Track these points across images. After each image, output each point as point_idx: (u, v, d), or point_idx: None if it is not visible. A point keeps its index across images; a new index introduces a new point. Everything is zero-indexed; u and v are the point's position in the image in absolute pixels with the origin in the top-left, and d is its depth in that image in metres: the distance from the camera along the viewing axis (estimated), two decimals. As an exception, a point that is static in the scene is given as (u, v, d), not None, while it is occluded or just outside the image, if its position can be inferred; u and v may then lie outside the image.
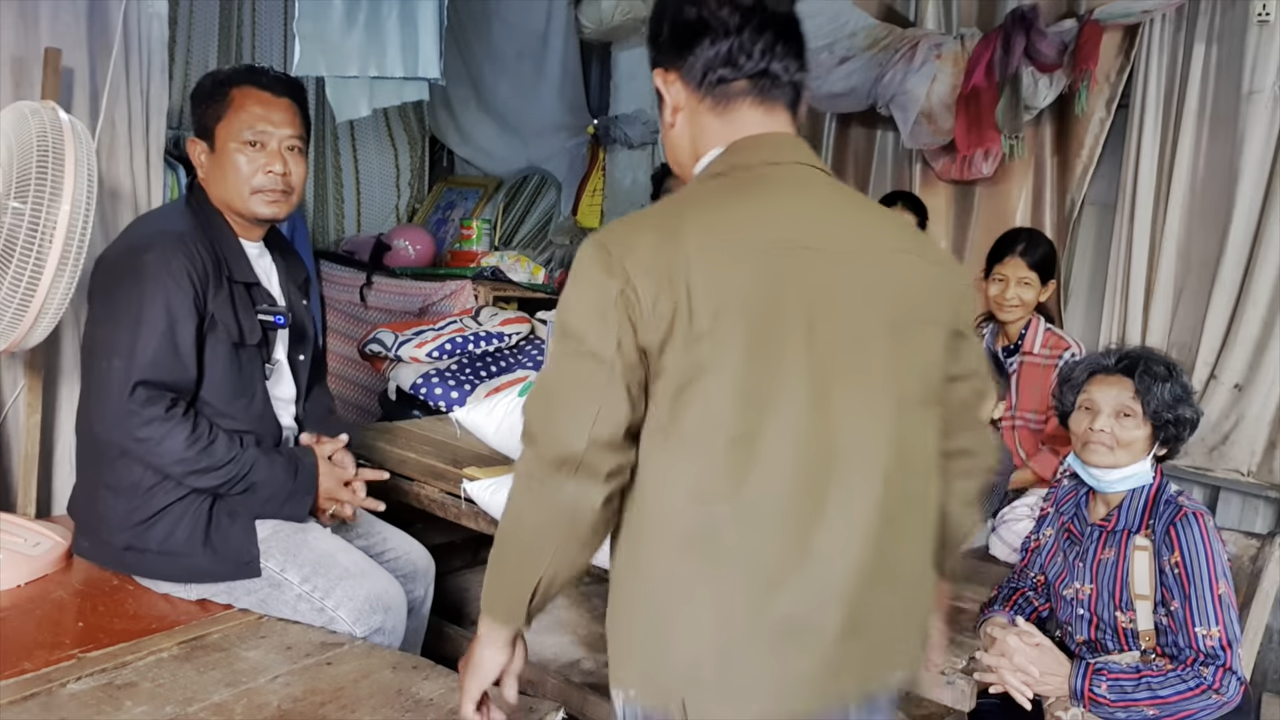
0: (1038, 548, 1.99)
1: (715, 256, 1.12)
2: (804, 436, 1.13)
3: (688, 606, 1.14)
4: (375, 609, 1.87)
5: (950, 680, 1.78)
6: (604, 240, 1.15)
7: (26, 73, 2.15)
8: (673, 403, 1.12)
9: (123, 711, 1.49)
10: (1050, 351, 2.69)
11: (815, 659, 1.14)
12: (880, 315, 1.18)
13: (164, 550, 1.85)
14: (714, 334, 1.11)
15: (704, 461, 1.13)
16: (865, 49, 3.51)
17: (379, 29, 3.14)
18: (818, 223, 1.20)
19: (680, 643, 1.15)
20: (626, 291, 1.10)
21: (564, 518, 1.16)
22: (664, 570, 1.17)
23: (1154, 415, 1.77)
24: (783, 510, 1.13)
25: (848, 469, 1.16)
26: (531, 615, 1.24)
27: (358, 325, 4.20)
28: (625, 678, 1.21)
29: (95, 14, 2.26)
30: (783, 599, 1.13)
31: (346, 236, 4.64)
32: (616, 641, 1.23)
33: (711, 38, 1.21)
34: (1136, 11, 3.01)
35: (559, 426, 1.14)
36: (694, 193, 1.22)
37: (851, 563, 1.15)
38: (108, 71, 2.25)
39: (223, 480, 1.82)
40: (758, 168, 1.21)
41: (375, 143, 4.75)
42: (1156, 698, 1.61)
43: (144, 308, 1.78)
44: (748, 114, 1.23)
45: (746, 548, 1.14)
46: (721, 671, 1.13)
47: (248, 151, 1.89)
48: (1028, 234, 2.78)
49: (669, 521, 1.16)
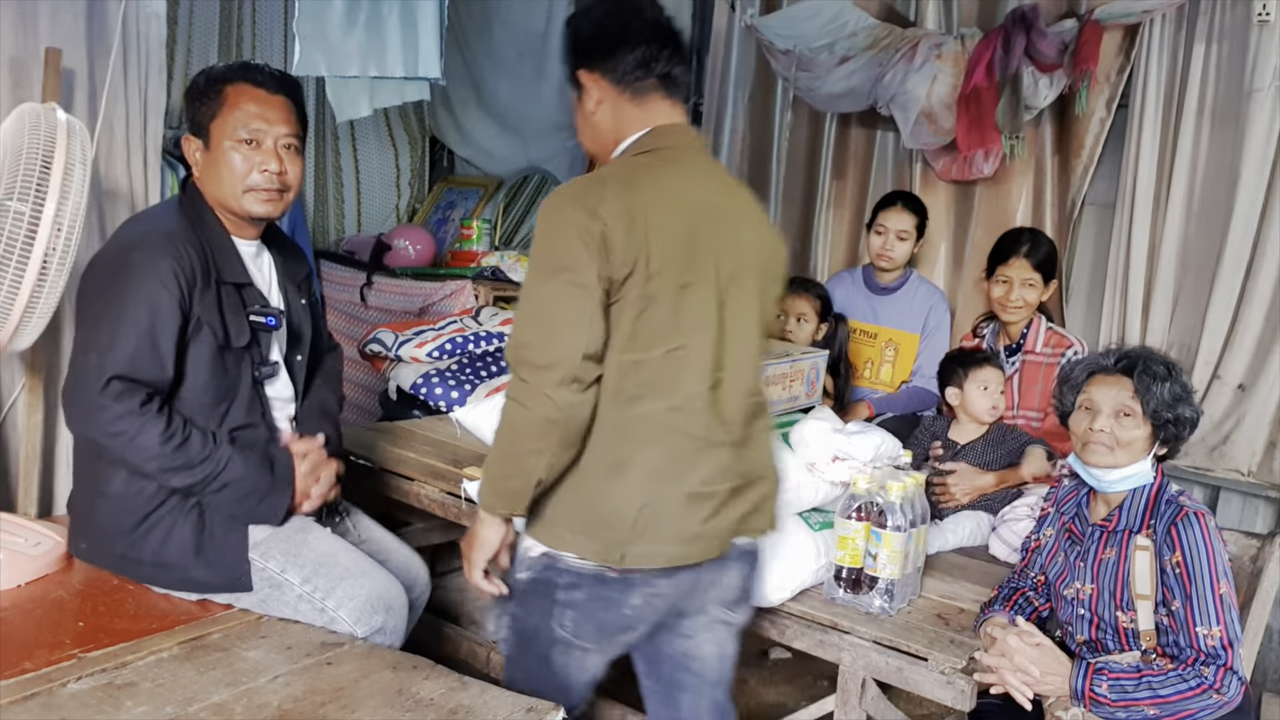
0: (1038, 547, 1.99)
1: (661, 210, 1.52)
2: (714, 351, 1.58)
3: (627, 483, 1.54)
4: (376, 609, 1.87)
5: (950, 680, 1.78)
6: (577, 194, 1.52)
7: (25, 73, 2.15)
8: (633, 324, 1.51)
9: (123, 711, 1.49)
10: (1052, 350, 2.69)
11: (711, 516, 1.60)
12: (753, 263, 1.65)
13: (157, 561, 1.85)
14: (662, 272, 1.50)
15: (648, 370, 1.53)
16: (865, 49, 3.51)
17: (379, 29, 3.13)
18: (716, 192, 1.65)
19: (621, 511, 1.54)
20: (605, 233, 1.46)
21: (560, 424, 1.49)
22: (608, 458, 1.54)
23: (1154, 415, 1.77)
24: (699, 407, 1.57)
25: (735, 379, 1.63)
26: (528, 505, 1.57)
27: (358, 325, 4.20)
28: (570, 545, 1.56)
29: (94, 14, 2.25)
30: (695, 475, 1.57)
31: (347, 236, 4.64)
32: (557, 523, 1.57)
33: (631, 45, 1.59)
34: (1137, 11, 3.01)
35: (559, 347, 1.48)
36: (633, 163, 1.59)
37: (736, 449, 1.63)
38: (107, 72, 2.25)
39: (198, 479, 1.80)
40: (674, 149, 1.61)
41: (375, 143, 4.75)
42: (1157, 697, 1.61)
43: (127, 305, 1.76)
44: (659, 105, 1.63)
45: (673, 435, 1.56)
46: (649, 528, 1.54)
47: (243, 149, 1.87)
48: (1030, 234, 2.78)
49: (617, 419, 1.53)
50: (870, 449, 2.01)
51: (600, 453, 1.55)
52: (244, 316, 1.91)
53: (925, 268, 3.59)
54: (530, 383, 1.49)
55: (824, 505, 2.12)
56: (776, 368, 2.13)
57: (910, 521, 1.94)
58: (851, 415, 2.88)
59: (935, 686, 1.80)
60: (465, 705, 1.57)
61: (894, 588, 1.94)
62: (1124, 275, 3.17)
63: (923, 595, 2.09)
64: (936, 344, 3.12)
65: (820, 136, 3.94)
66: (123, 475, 1.83)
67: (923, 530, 2.01)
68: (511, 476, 1.55)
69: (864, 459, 2.00)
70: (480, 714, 1.54)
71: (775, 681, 2.95)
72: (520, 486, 1.54)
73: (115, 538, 1.86)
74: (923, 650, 1.83)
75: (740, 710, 2.77)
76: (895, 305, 3.19)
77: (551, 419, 1.48)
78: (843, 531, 1.97)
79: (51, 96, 2.10)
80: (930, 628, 1.92)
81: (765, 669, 3.02)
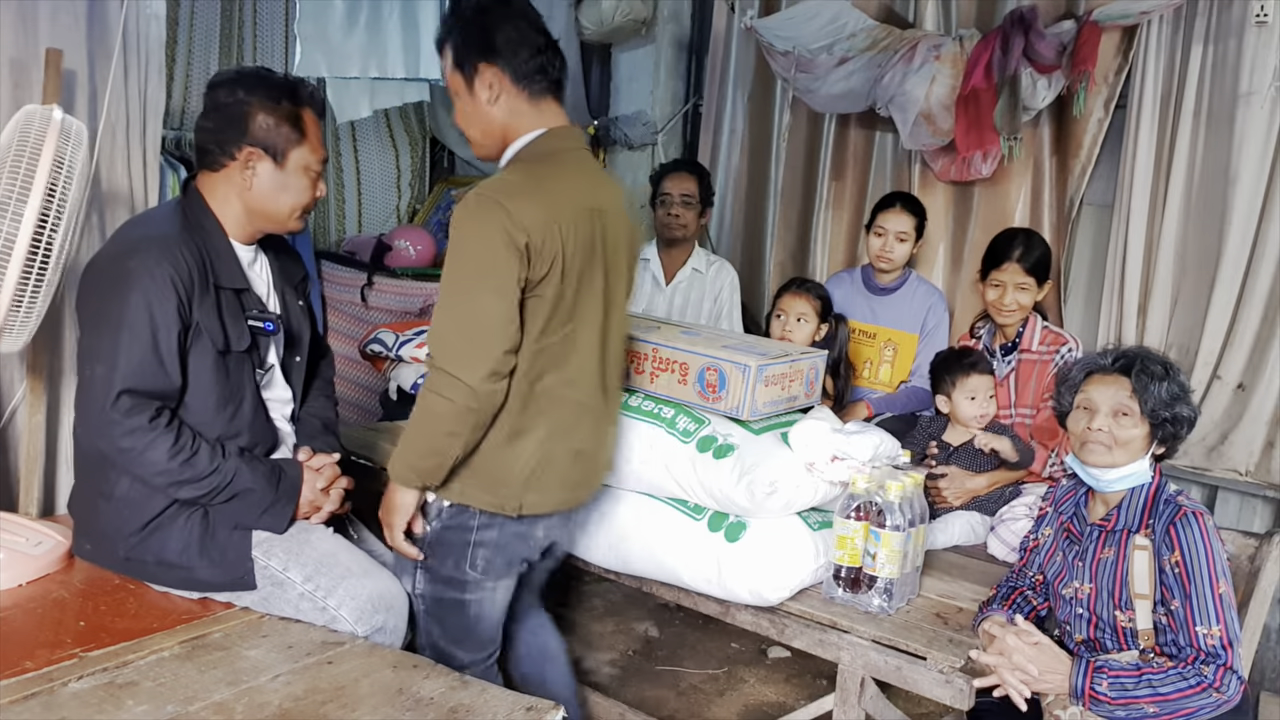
0: (1036, 547, 2.00)
1: (572, 218, 1.74)
2: (601, 329, 1.86)
3: (524, 447, 1.80)
4: (377, 608, 1.87)
5: (949, 679, 1.79)
6: (499, 200, 1.67)
7: (25, 74, 2.15)
8: (546, 317, 1.74)
9: (124, 710, 1.49)
10: (1048, 348, 2.70)
11: (586, 471, 1.96)
12: (625, 249, 1.91)
13: (161, 561, 1.86)
14: (570, 270, 1.74)
15: (550, 351, 1.77)
16: (864, 50, 3.51)
17: (380, 30, 3.15)
18: (602, 191, 1.86)
19: (517, 471, 1.81)
20: (529, 242, 1.67)
21: (478, 411, 1.70)
22: (508, 428, 1.77)
23: (1151, 414, 1.77)
24: (587, 377, 1.86)
25: (615, 351, 1.94)
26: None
27: (358, 325, 4.21)
28: (474, 499, 1.82)
29: (94, 15, 2.26)
30: (576, 437, 1.88)
31: (347, 237, 4.65)
32: (463, 481, 1.80)
33: (533, 49, 1.78)
34: (1135, 12, 3.01)
35: (484, 347, 1.68)
36: (540, 170, 1.78)
37: (606, 412, 1.96)
38: (108, 73, 2.26)
39: (205, 491, 1.82)
40: (570, 150, 1.85)
41: (376, 143, 4.75)
42: (1157, 695, 1.61)
43: (127, 314, 1.76)
44: (552, 108, 1.84)
45: (565, 404, 1.82)
46: (539, 482, 1.83)
47: (311, 178, 1.94)
48: (1024, 237, 2.78)
49: (521, 395, 1.76)
50: (869, 449, 2.01)
51: (502, 424, 1.77)
52: (243, 321, 1.91)
53: (924, 268, 3.60)
54: (455, 377, 1.67)
55: (823, 505, 2.12)
56: (775, 368, 2.14)
57: (909, 521, 1.94)
58: (850, 415, 2.89)
59: (934, 685, 1.81)
60: (465, 704, 1.57)
61: (893, 587, 1.95)
62: (1122, 276, 3.17)
63: (921, 594, 2.09)
64: (935, 344, 3.12)
65: (819, 137, 3.94)
66: (127, 479, 1.84)
67: (921, 530, 2.01)
68: (428, 456, 1.75)
69: (863, 459, 2.00)
70: (480, 713, 1.55)
71: (774, 680, 2.96)
72: (436, 465, 1.75)
73: (119, 540, 1.87)
74: (921, 649, 1.84)
75: (740, 709, 2.78)
76: (894, 306, 3.20)
77: (471, 408, 1.69)
78: (842, 531, 1.97)
79: (52, 98, 2.10)
80: (929, 627, 1.93)
81: (764, 668, 3.03)
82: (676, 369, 2.17)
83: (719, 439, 2.08)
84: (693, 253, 3.42)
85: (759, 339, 2.55)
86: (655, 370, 2.20)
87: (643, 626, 3.24)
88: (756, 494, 1.98)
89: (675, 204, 3.34)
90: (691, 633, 3.23)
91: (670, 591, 2.21)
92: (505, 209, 1.65)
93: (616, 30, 4.24)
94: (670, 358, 2.18)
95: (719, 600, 2.10)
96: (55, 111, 1.89)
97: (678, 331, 2.32)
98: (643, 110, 4.37)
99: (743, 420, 2.11)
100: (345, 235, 4.67)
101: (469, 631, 1.92)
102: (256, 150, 1.88)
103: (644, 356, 2.22)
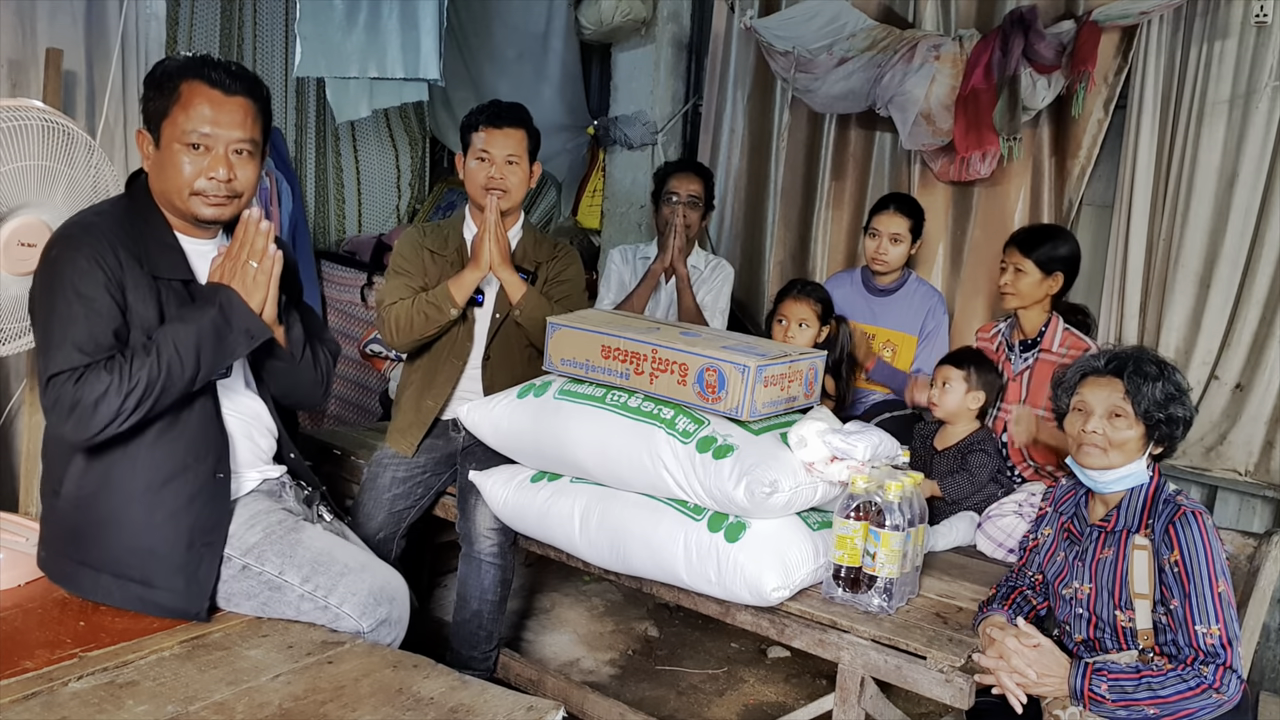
0: (1036, 546, 2.00)
1: None
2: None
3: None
4: (380, 601, 1.86)
5: (949, 678, 1.79)
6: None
7: (24, 74, 2.15)
8: None
9: (124, 710, 1.49)
10: (1068, 351, 2.69)
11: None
12: None
13: (118, 574, 1.78)
14: None
15: None
16: (864, 50, 3.51)
17: (379, 30, 3.15)
18: None
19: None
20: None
21: None
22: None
23: (1145, 415, 1.77)
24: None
25: None
26: None
27: (358, 325, 4.22)
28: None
29: (94, 15, 2.26)
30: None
31: (347, 236, 4.65)
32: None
33: None
34: (1134, 13, 3.02)
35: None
36: None
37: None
38: (107, 73, 2.26)
39: (166, 374, 1.69)
40: None
41: (376, 143, 4.76)
42: (1157, 697, 1.61)
43: (55, 302, 1.69)
44: None
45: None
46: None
47: (190, 154, 1.77)
48: (1040, 228, 2.89)
49: None
50: (868, 448, 2.01)
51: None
52: None
53: (923, 268, 3.60)
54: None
55: (822, 505, 2.12)
56: (775, 368, 2.14)
57: (908, 520, 1.94)
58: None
59: (934, 685, 1.81)
60: (465, 704, 1.57)
61: (892, 586, 1.95)
62: (1122, 276, 3.17)
63: (921, 594, 2.09)
64: (934, 346, 3.12)
65: (819, 137, 3.94)
66: (77, 467, 1.76)
67: (921, 529, 2.02)
68: None
69: (862, 458, 2.00)
70: (480, 713, 1.55)
71: (774, 680, 2.96)
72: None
73: (69, 544, 1.79)
74: (921, 649, 1.84)
75: (740, 709, 2.78)
76: (894, 307, 3.20)
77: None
78: (841, 531, 1.97)
79: (52, 97, 2.10)
80: (929, 626, 1.93)
81: (764, 667, 3.03)
82: (676, 370, 2.17)
83: (719, 439, 2.08)
84: (692, 252, 3.42)
85: (758, 339, 2.55)
86: (655, 371, 2.20)
87: (643, 626, 3.24)
88: (756, 494, 1.98)
89: (682, 204, 3.30)
90: (691, 633, 3.23)
91: (670, 591, 2.21)
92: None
93: (616, 30, 4.24)
94: (669, 359, 2.17)
95: (719, 600, 2.10)
96: (45, 111, 1.89)
97: (677, 332, 2.31)
98: (642, 110, 4.37)
99: (742, 421, 2.11)
100: (345, 235, 4.68)
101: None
102: (143, 133, 1.82)
103: (643, 357, 2.21)
